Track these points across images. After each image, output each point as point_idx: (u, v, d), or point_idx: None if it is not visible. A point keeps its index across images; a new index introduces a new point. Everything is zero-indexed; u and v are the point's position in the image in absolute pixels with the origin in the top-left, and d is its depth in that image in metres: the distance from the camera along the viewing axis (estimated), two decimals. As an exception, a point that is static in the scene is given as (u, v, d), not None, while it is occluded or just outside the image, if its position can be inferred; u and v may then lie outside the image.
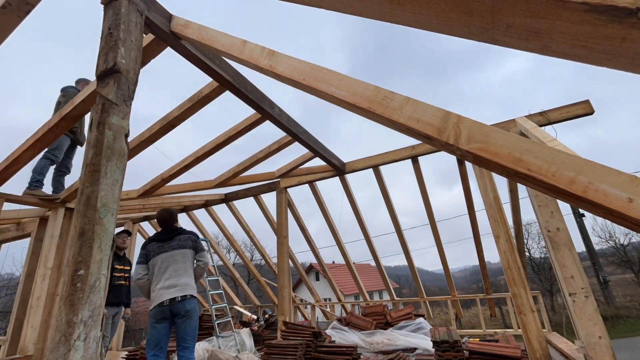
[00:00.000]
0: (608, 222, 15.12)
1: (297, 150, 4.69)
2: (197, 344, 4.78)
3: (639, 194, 0.85)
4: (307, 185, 5.70)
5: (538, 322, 3.54)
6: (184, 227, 3.53)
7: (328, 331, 5.29)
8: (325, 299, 20.20)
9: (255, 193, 6.16)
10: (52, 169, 4.36)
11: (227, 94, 3.02)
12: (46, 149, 4.07)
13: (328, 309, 9.28)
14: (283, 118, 3.56)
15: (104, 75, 1.76)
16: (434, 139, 1.26)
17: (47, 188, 4.34)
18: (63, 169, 4.53)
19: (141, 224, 7.35)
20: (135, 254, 7.01)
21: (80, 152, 4.68)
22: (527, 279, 3.92)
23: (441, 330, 4.09)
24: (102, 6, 1.96)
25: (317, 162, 4.90)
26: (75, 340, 1.27)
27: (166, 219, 3.38)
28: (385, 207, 5.55)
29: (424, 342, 4.51)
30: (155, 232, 3.47)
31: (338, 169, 5.05)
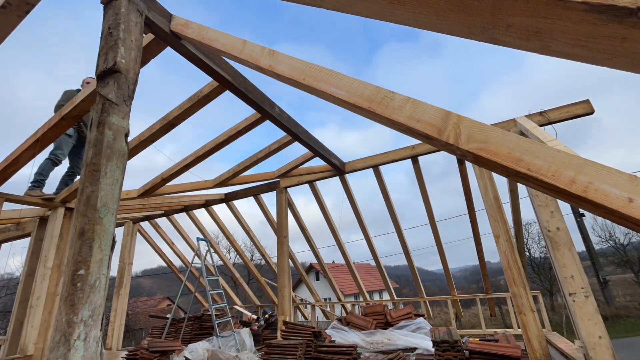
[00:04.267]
0: (608, 221, 15.13)
1: (297, 150, 4.70)
2: (197, 343, 4.79)
3: (639, 193, 0.85)
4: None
5: (538, 321, 3.54)
6: None
7: (328, 331, 5.29)
8: (325, 299, 20.19)
9: (255, 193, 6.16)
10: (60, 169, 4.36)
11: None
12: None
13: (328, 309, 9.29)
14: (283, 118, 3.56)
15: (103, 75, 1.76)
16: (434, 138, 1.25)
17: (51, 188, 4.34)
18: (74, 169, 4.50)
19: (141, 223, 7.35)
20: (135, 254, 7.02)
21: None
22: (527, 278, 3.92)
23: (441, 330, 4.08)
24: (102, 6, 1.95)
25: (317, 162, 4.90)
26: (75, 340, 1.28)
27: None
28: (386, 206, 5.55)
29: (424, 342, 4.51)
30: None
31: (338, 168, 5.05)
